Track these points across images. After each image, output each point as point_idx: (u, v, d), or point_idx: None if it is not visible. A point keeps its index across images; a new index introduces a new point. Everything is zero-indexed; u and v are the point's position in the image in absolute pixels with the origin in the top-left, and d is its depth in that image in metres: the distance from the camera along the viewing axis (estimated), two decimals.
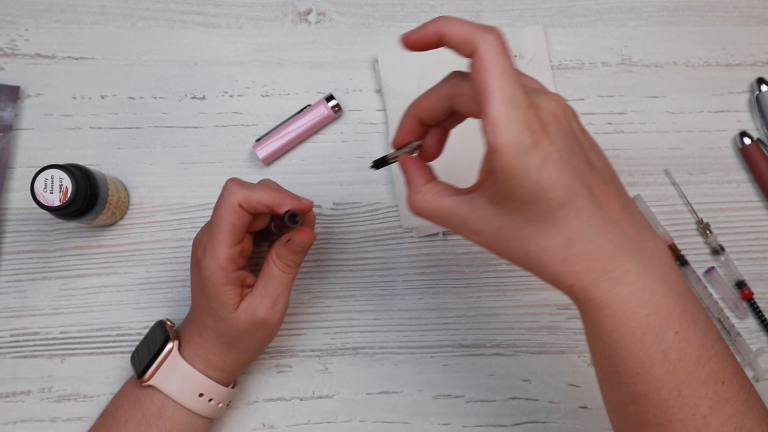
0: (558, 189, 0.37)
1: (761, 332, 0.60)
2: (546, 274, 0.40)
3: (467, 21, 0.38)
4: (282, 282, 0.50)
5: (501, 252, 0.41)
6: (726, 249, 0.60)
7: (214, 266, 0.48)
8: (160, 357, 0.51)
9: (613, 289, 0.39)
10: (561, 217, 0.38)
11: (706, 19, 0.64)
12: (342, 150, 0.62)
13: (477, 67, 0.37)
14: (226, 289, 0.49)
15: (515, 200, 0.38)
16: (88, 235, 0.60)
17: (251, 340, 0.51)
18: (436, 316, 0.60)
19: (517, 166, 0.36)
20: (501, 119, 0.36)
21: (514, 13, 0.63)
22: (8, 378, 0.58)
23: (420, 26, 0.39)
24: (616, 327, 0.39)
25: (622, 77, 0.63)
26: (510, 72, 0.36)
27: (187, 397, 0.51)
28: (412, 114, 0.44)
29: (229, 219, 0.48)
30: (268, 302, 0.50)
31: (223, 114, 0.62)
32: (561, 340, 0.59)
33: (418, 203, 0.42)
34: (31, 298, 0.59)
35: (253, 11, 0.63)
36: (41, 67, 0.62)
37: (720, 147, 0.62)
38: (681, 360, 0.39)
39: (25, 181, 0.60)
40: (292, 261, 0.50)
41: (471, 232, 0.41)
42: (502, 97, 0.36)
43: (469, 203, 0.40)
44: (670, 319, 0.39)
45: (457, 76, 0.42)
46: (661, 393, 0.39)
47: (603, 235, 0.39)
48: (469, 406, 0.59)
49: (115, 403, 0.53)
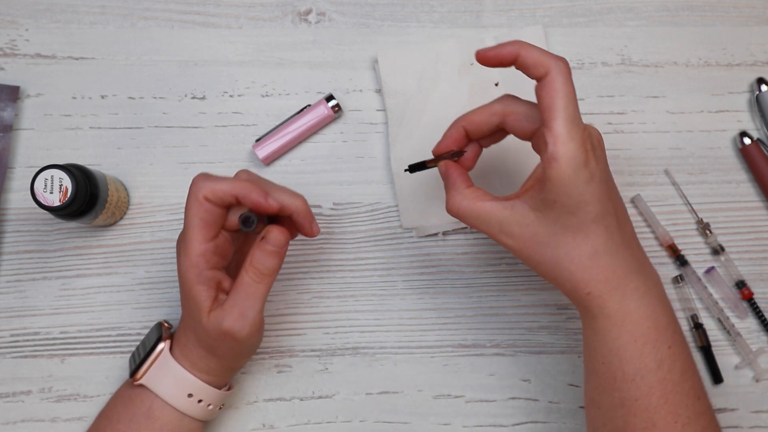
0: (596, 204, 0.43)
1: (761, 332, 0.60)
2: (567, 280, 0.45)
3: (540, 48, 0.44)
4: (252, 293, 0.47)
5: (530, 255, 0.46)
6: (726, 249, 0.60)
7: (187, 263, 0.47)
8: (152, 356, 0.50)
9: (623, 301, 0.45)
10: (593, 230, 0.44)
11: (706, 19, 0.64)
12: (342, 150, 0.62)
13: (547, 87, 0.43)
14: (199, 289, 0.47)
15: (558, 208, 0.43)
16: (88, 235, 0.60)
17: (224, 349, 0.49)
18: (436, 316, 0.60)
19: (570, 176, 0.42)
20: (563, 135, 0.42)
21: (514, 13, 0.63)
22: (8, 378, 0.58)
23: (497, 45, 0.45)
24: (621, 335, 0.45)
25: (622, 77, 0.63)
26: (573, 97, 0.43)
27: (176, 397, 0.50)
28: (460, 125, 0.49)
29: (197, 213, 0.47)
30: (235, 313, 0.47)
31: (223, 114, 0.62)
32: (561, 340, 0.59)
33: (459, 203, 0.47)
34: (31, 298, 0.59)
35: (253, 11, 0.63)
36: (41, 67, 0.62)
37: (720, 147, 0.62)
38: (670, 371, 0.45)
39: (25, 181, 0.60)
40: (267, 267, 0.47)
41: (506, 234, 0.46)
42: (567, 117, 0.42)
43: (510, 208, 0.45)
44: (665, 334, 0.45)
45: (510, 98, 0.48)
46: (650, 399, 0.44)
47: (620, 253, 0.45)
48: (469, 406, 0.59)
49: (110, 403, 0.53)
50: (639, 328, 0.45)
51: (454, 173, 0.49)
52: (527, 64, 0.44)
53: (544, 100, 0.43)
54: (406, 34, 0.63)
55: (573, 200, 0.43)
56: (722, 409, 0.59)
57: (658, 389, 0.45)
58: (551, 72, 0.43)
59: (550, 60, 0.43)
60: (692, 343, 0.59)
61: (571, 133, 0.42)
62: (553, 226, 0.44)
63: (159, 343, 0.51)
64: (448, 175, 0.49)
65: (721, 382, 0.59)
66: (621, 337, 0.45)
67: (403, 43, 0.63)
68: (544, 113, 0.43)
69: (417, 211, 0.60)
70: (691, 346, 0.59)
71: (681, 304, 0.60)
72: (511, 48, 0.44)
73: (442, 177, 0.50)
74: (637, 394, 0.45)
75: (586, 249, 0.44)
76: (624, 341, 0.45)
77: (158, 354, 0.50)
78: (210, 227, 0.47)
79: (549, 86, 0.43)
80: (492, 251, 0.61)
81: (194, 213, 0.47)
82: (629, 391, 0.45)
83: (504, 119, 0.48)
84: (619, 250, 0.45)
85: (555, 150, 0.42)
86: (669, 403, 0.45)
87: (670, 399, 0.45)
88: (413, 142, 0.60)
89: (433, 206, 0.60)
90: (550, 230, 0.44)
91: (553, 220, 0.44)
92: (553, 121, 0.42)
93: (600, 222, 0.44)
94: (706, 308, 0.60)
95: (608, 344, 0.45)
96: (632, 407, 0.45)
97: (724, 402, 0.59)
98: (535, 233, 0.45)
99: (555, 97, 0.42)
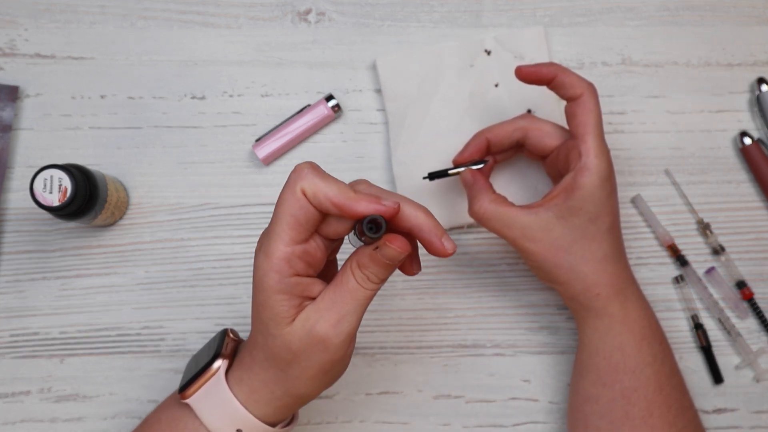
0: (611, 216, 0.50)
1: (761, 332, 0.59)
2: (580, 282, 0.50)
3: (574, 72, 0.50)
4: (356, 297, 0.40)
5: (549, 258, 0.50)
6: (726, 249, 0.60)
7: (267, 266, 0.39)
8: (205, 375, 0.43)
9: (624, 303, 0.51)
10: (606, 237, 0.50)
11: (706, 19, 0.64)
12: (342, 150, 0.62)
13: (582, 106, 0.49)
14: (279, 298, 0.39)
15: (582, 215, 0.49)
16: (87, 235, 0.60)
17: (305, 365, 0.41)
18: (436, 316, 0.60)
19: (598, 186, 0.48)
20: (596, 148, 0.49)
21: (514, 13, 0.63)
22: (8, 378, 0.58)
23: (536, 64, 0.51)
24: (623, 332, 0.51)
25: (622, 77, 0.63)
26: (601, 117, 0.50)
27: (222, 431, 0.43)
28: (484, 136, 0.55)
29: (290, 208, 0.39)
30: (333, 317, 0.40)
31: (223, 114, 0.62)
32: (561, 340, 0.59)
33: (486, 207, 0.51)
34: (30, 298, 0.59)
35: (252, 11, 0.63)
36: (40, 67, 0.62)
37: (720, 147, 0.62)
38: (663, 365, 0.51)
39: (24, 181, 0.60)
40: (376, 276, 0.40)
41: (528, 238, 0.50)
42: (598, 133, 0.49)
43: (533, 214, 0.50)
44: (657, 333, 0.52)
45: (532, 116, 0.55)
46: (648, 389, 0.50)
47: (622, 261, 0.52)
48: (469, 407, 0.59)
49: (156, 415, 0.47)
50: (637, 326, 0.51)
51: (480, 180, 0.53)
52: (564, 85, 0.50)
53: (578, 117, 0.49)
54: (406, 34, 0.63)
55: (596, 209, 0.49)
56: (722, 409, 0.59)
57: (654, 381, 0.50)
58: (585, 93, 0.49)
59: (583, 82, 0.50)
60: (693, 343, 0.59)
61: (601, 148, 0.49)
62: (573, 233, 0.49)
63: (216, 359, 0.44)
64: (474, 181, 0.53)
65: (722, 382, 0.59)
66: (623, 334, 0.50)
67: (403, 42, 0.63)
68: (578, 128, 0.49)
69: None
70: (692, 346, 0.59)
71: (681, 304, 0.60)
72: (550, 69, 0.51)
73: (466, 184, 0.54)
74: (636, 384, 0.50)
75: (598, 254, 0.50)
76: (626, 338, 0.50)
77: (212, 374, 0.43)
78: (302, 228, 0.39)
79: (583, 105, 0.49)
80: (492, 251, 0.61)
81: (287, 208, 0.39)
82: (630, 382, 0.50)
83: (527, 134, 0.53)
84: (620, 259, 0.52)
85: (588, 161, 0.48)
86: (663, 395, 0.50)
87: (664, 391, 0.50)
88: (416, 144, 0.60)
89: (434, 207, 0.59)
90: (570, 236, 0.49)
91: (574, 227, 0.49)
92: (587, 136, 0.49)
93: (611, 232, 0.50)
94: (706, 308, 0.60)
95: (611, 339, 0.51)
96: (632, 397, 0.49)
97: (724, 402, 0.59)
98: (556, 238, 0.49)
99: (589, 115, 0.49)
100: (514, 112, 0.60)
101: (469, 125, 0.60)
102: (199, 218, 0.60)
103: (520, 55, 0.61)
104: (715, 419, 0.58)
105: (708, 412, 0.58)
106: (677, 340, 0.59)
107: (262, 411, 0.43)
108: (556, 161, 0.53)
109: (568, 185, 0.49)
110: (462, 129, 0.60)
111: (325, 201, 0.38)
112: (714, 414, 0.58)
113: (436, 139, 0.60)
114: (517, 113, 0.60)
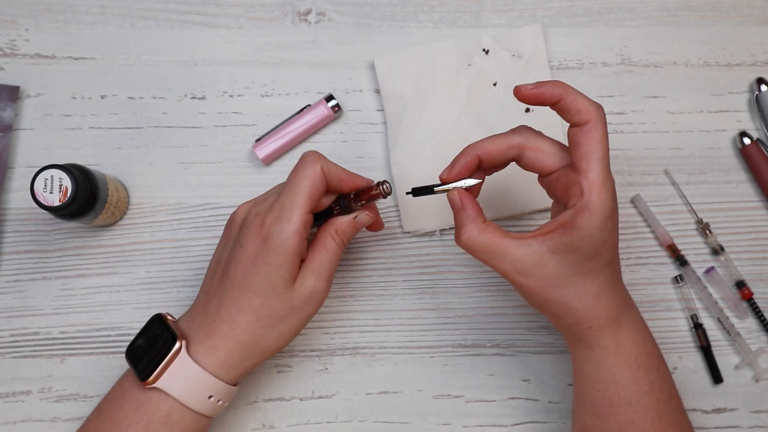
0: (611, 251, 0.45)
1: (761, 332, 0.60)
2: (571, 317, 0.46)
3: (581, 93, 0.44)
4: (337, 257, 0.49)
5: (540, 293, 0.46)
6: (726, 249, 0.60)
7: (290, 230, 0.46)
8: (167, 358, 0.47)
9: (618, 332, 0.47)
10: (603, 272, 0.46)
11: (706, 19, 0.64)
12: (342, 150, 0.62)
13: (588, 135, 0.43)
14: (295, 258, 0.46)
15: (580, 253, 0.44)
16: (87, 235, 0.60)
17: (298, 318, 0.48)
18: (435, 316, 0.60)
19: (599, 226, 0.43)
20: (599, 185, 0.43)
21: (514, 13, 0.63)
22: (8, 378, 0.58)
23: (538, 84, 0.45)
24: (617, 362, 0.47)
25: (621, 77, 0.63)
26: (608, 147, 0.44)
27: (197, 400, 0.48)
28: (474, 154, 0.47)
29: (312, 180, 0.46)
30: (324, 274, 0.48)
31: (223, 114, 0.62)
32: (561, 340, 0.59)
33: (474, 238, 0.46)
34: (30, 298, 0.59)
35: (252, 11, 0.63)
36: (41, 67, 0.62)
37: (720, 147, 0.62)
38: (661, 392, 0.48)
39: (24, 181, 0.60)
40: (348, 238, 0.50)
41: (519, 273, 0.46)
42: (604, 167, 0.43)
43: (526, 247, 0.45)
44: (653, 359, 0.48)
45: (529, 131, 0.47)
46: (646, 420, 0.47)
47: (617, 290, 0.48)
48: (469, 406, 0.59)
49: (114, 404, 0.50)
50: (632, 355, 0.47)
51: (468, 205, 0.47)
52: (569, 109, 0.44)
53: (583, 147, 0.43)
54: (406, 34, 0.63)
55: (595, 248, 0.44)
56: (722, 409, 0.59)
57: (652, 410, 0.47)
58: (593, 120, 0.43)
59: (591, 107, 0.44)
60: (692, 343, 0.59)
61: (606, 183, 0.43)
62: (568, 269, 0.45)
63: (174, 342, 0.47)
64: (463, 206, 0.47)
65: (721, 382, 0.59)
66: (616, 365, 0.47)
67: (403, 43, 0.63)
68: (582, 161, 0.43)
69: (419, 215, 0.60)
70: (691, 345, 0.59)
71: (681, 304, 0.60)
72: (554, 91, 0.44)
73: (454, 207, 0.48)
74: (633, 416, 0.47)
75: (593, 289, 0.46)
76: (619, 369, 0.47)
77: (174, 355, 0.47)
78: (315, 199, 0.47)
79: (590, 134, 0.43)
80: None
81: (309, 181, 0.46)
82: (626, 414, 0.47)
83: (523, 153, 0.47)
84: (616, 287, 0.48)
85: (590, 200, 0.43)
86: (662, 422, 0.47)
87: (663, 418, 0.47)
88: (413, 144, 0.60)
89: (434, 208, 0.59)
90: (564, 272, 0.45)
91: (569, 264, 0.45)
92: (590, 171, 0.43)
93: (608, 266, 0.46)
94: (706, 308, 0.60)
95: (604, 372, 0.47)
96: (629, 429, 0.47)
97: (724, 402, 0.59)
98: (549, 274, 0.45)
99: (595, 146, 0.43)
100: (513, 111, 0.60)
101: (467, 125, 0.60)
102: (199, 218, 0.60)
103: (518, 53, 0.61)
104: (715, 419, 0.58)
105: (707, 412, 0.59)
106: (677, 340, 0.59)
107: (230, 375, 0.48)
108: (554, 186, 0.47)
109: (567, 222, 0.44)
110: (460, 128, 0.60)
111: (335, 177, 0.48)
112: (713, 414, 0.58)
113: (434, 138, 0.60)
114: (516, 112, 0.60)
